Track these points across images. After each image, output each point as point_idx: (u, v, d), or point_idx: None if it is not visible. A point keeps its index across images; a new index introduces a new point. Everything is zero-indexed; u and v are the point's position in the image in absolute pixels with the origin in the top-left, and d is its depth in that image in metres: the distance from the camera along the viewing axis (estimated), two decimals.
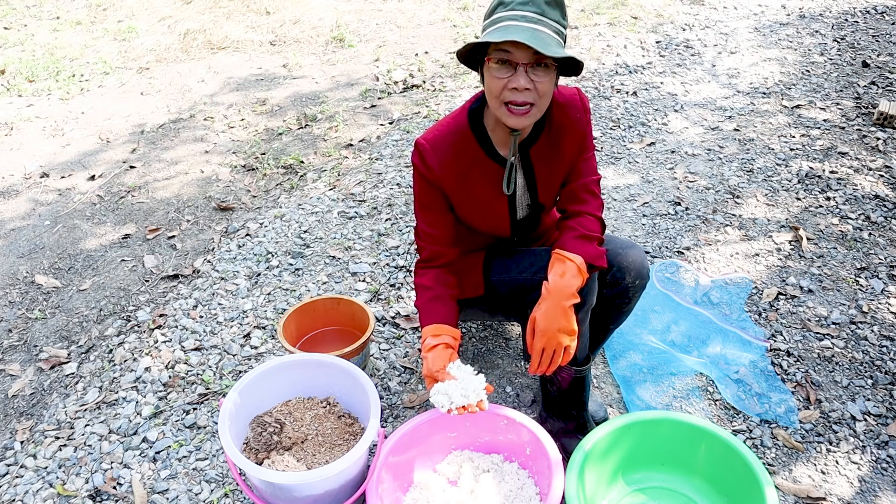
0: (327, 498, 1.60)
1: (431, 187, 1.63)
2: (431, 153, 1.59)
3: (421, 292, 1.67)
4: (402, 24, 5.03)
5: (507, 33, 1.36)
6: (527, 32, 1.36)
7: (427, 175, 1.61)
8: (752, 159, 3.23)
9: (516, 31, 1.37)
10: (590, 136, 1.65)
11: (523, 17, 1.38)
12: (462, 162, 1.61)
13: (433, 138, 1.60)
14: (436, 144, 1.59)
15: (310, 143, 3.55)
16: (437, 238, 1.67)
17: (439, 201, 1.66)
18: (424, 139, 1.61)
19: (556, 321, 1.50)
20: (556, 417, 1.85)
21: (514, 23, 1.38)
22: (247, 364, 2.19)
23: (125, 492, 1.80)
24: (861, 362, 2.14)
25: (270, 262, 2.65)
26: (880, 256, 2.58)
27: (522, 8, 1.39)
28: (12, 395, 2.13)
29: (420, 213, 1.68)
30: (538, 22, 1.38)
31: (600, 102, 3.82)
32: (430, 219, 1.67)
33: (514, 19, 1.39)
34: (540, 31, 1.38)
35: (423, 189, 1.65)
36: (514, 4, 1.39)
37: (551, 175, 1.66)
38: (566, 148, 1.63)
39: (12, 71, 4.42)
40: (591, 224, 1.61)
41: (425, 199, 1.66)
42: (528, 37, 1.35)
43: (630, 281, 1.68)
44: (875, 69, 4.08)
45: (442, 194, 1.65)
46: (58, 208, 3.08)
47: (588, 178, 1.66)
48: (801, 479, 1.80)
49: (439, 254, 1.68)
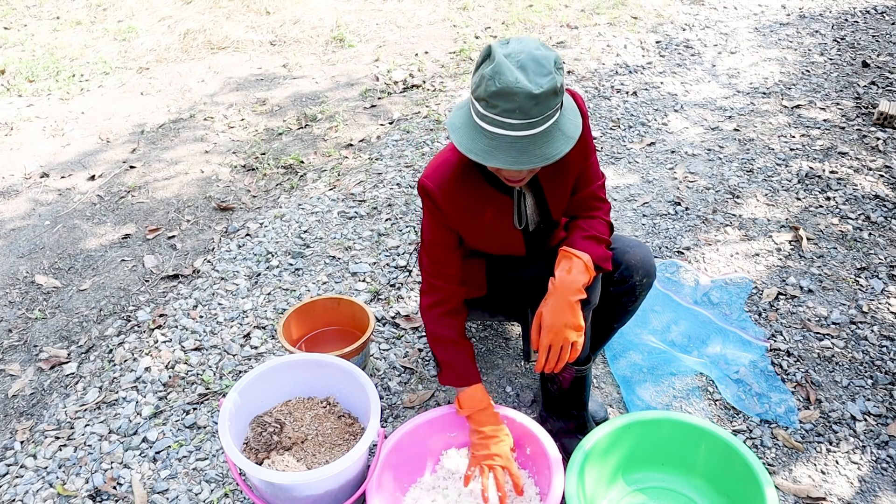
0: (327, 498, 1.60)
1: (445, 228, 1.60)
2: (442, 198, 1.55)
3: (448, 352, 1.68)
4: (402, 24, 5.03)
5: (491, 152, 1.30)
6: (513, 151, 1.29)
7: (441, 219, 1.58)
8: (752, 159, 3.23)
9: (501, 148, 1.30)
10: (590, 139, 1.62)
11: (510, 125, 1.28)
12: (471, 198, 1.57)
13: (439, 180, 1.55)
14: (442, 186, 1.55)
15: (310, 143, 3.55)
16: (448, 276, 1.65)
17: (452, 239, 1.63)
18: (432, 182, 1.55)
19: (563, 317, 1.49)
20: (556, 417, 1.85)
21: (498, 131, 1.30)
22: (247, 364, 2.19)
23: (125, 492, 1.80)
24: (861, 362, 2.14)
25: (270, 262, 2.65)
26: (880, 256, 2.58)
27: (509, 116, 1.27)
28: (12, 395, 2.13)
29: (429, 249, 1.64)
30: (527, 127, 1.28)
31: (600, 102, 3.82)
32: (440, 256, 1.64)
33: (499, 126, 1.29)
34: (529, 137, 1.30)
35: (435, 230, 1.61)
36: (499, 110, 1.27)
37: (560, 190, 1.63)
38: (571, 159, 1.59)
39: (12, 71, 4.42)
40: (599, 226, 1.61)
41: (437, 238, 1.62)
42: (515, 159, 1.29)
43: (638, 279, 1.68)
44: (875, 69, 4.08)
45: (454, 233, 1.62)
46: (58, 208, 3.08)
47: (594, 184, 1.64)
48: (801, 479, 1.80)
49: (449, 295, 1.65)
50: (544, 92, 1.26)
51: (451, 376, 1.68)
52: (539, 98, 1.26)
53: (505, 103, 1.27)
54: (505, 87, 1.25)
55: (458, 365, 1.66)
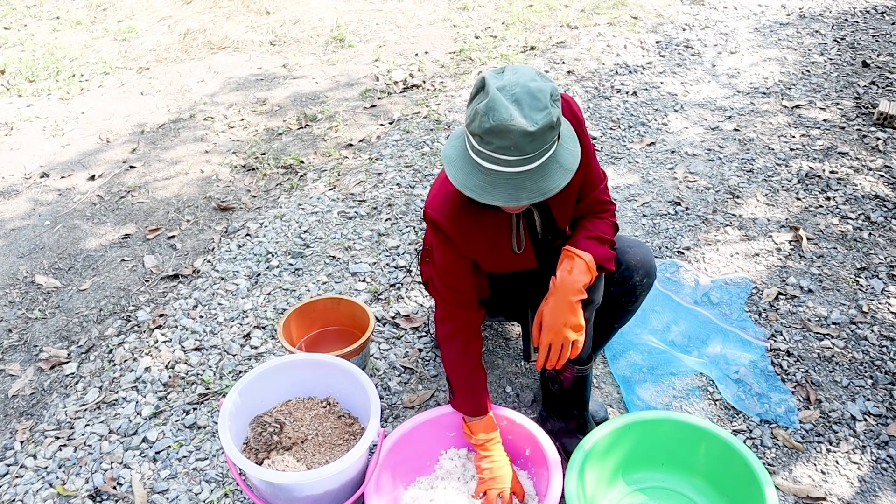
0: (327, 498, 1.60)
1: (458, 256, 1.57)
2: (451, 228, 1.51)
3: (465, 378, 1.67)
4: (402, 24, 5.03)
5: (488, 189, 1.28)
6: (509, 187, 1.27)
7: (454, 249, 1.55)
8: (752, 159, 3.23)
9: (497, 185, 1.28)
10: (588, 142, 1.57)
11: (505, 161, 1.25)
12: (480, 226, 1.54)
13: (446, 212, 1.51)
14: (450, 217, 1.51)
15: (310, 143, 3.55)
16: (464, 302, 1.62)
17: (465, 266, 1.59)
18: (439, 214, 1.51)
19: (563, 316, 1.49)
20: (556, 417, 1.85)
21: (494, 167, 1.27)
22: (247, 364, 2.19)
23: (125, 492, 1.80)
24: (861, 362, 2.14)
25: (270, 262, 2.65)
26: (880, 256, 2.58)
27: (504, 153, 1.25)
28: (12, 395, 2.13)
29: (443, 275, 1.60)
30: (523, 163, 1.26)
31: (600, 102, 3.82)
32: (455, 283, 1.60)
33: (495, 162, 1.27)
34: (525, 173, 1.27)
35: (448, 258, 1.58)
36: (494, 147, 1.25)
37: (564, 200, 1.60)
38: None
39: (12, 71, 4.42)
40: (604, 227, 1.60)
41: (450, 265, 1.59)
42: (511, 196, 1.27)
43: (638, 279, 1.68)
44: (875, 69, 4.08)
45: (468, 260, 1.59)
46: (58, 208, 3.08)
47: (597, 188, 1.62)
48: (801, 479, 1.80)
49: (467, 322, 1.63)
50: (540, 129, 1.23)
51: (465, 404, 1.69)
52: (535, 135, 1.23)
53: (500, 140, 1.23)
54: (499, 124, 1.22)
55: (475, 394, 1.67)
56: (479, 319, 1.66)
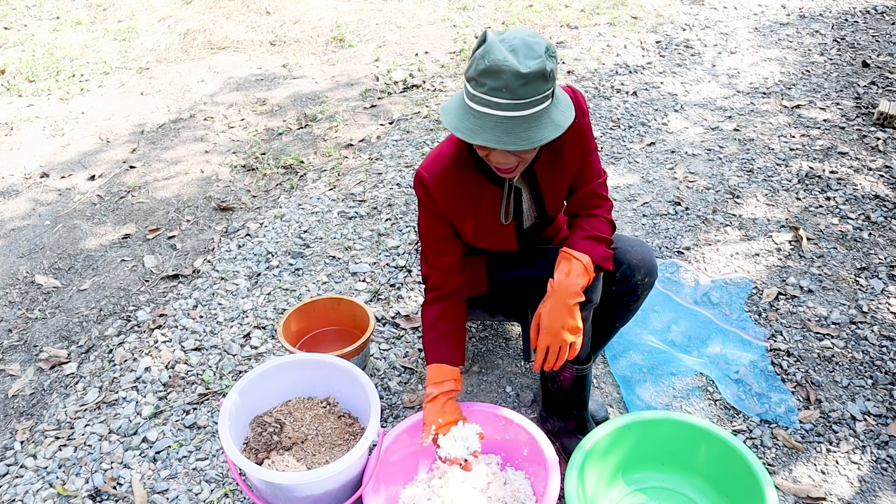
0: (327, 498, 1.60)
1: (438, 218, 1.62)
2: (435, 186, 1.56)
3: (426, 331, 1.68)
4: (402, 24, 5.03)
5: (478, 136, 1.31)
6: (498, 130, 1.30)
7: (432, 208, 1.59)
8: (752, 159, 3.23)
9: (487, 127, 1.31)
10: (591, 137, 1.61)
11: (497, 104, 1.29)
12: (466, 190, 1.59)
13: (435, 171, 1.57)
14: (438, 177, 1.56)
15: (310, 143, 3.56)
16: (446, 265, 1.66)
17: (445, 230, 1.64)
18: (427, 172, 1.57)
19: (561, 319, 1.49)
20: (556, 417, 1.85)
21: (486, 110, 1.31)
22: (247, 364, 2.19)
23: (125, 492, 1.80)
24: (861, 362, 2.14)
25: (270, 262, 2.65)
26: (880, 256, 2.58)
27: (496, 94, 1.29)
28: (12, 395, 2.13)
29: (425, 239, 1.67)
30: (513, 108, 1.29)
31: (600, 102, 3.82)
32: (438, 247, 1.66)
33: (487, 105, 1.30)
34: (516, 117, 1.30)
35: (428, 220, 1.63)
36: (487, 88, 1.29)
37: (556, 186, 1.63)
38: (568, 156, 1.60)
39: (12, 71, 4.42)
40: (601, 225, 1.61)
41: (431, 228, 1.64)
42: (499, 139, 1.29)
43: (640, 278, 1.68)
44: (875, 69, 4.08)
45: (447, 223, 1.63)
46: (58, 208, 3.08)
47: (594, 182, 1.64)
48: (801, 479, 1.80)
49: (444, 281, 1.66)
50: (532, 73, 1.27)
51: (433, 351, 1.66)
52: (527, 78, 1.27)
53: (492, 81, 1.28)
54: (493, 64, 1.27)
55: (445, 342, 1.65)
56: (460, 281, 1.69)
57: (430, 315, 1.68)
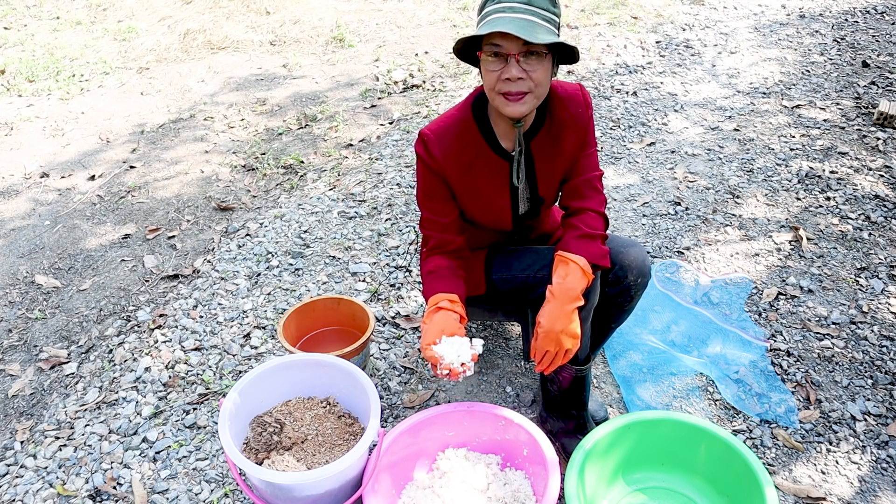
0: (327, 498, 1.60)
1: (435, 176, 1.63)
2: (436, 143, 1.60)
3: (425, 276, 1.67)
4: (402, 24, 5.03)
5: (494, 25, 1.38)
6: (513, 23, 1.38)
7: (431, 164, 1.61)
8: (752, 159, 3.23)
9: (502, 22, 1.38)
10: (592, 131, 1.65)
11: (510, 7, 1.40)
12: (466, 153, 1.61)
13: (437, 129, 1.61)
14: (440, 135, 1.60)
15: (310, 143, 3.55)
16: (444, 226, 1.67)
17: (443, 190, 1.66)
18: (429, 129, 1.62)
19: (560, 324, 1.51)
20: (556, 417, 1.85)
21: (501, 14, 1.40)
22: (247, 364, 2.19)
23: (125, 492, 1.80)
24: (861, 362, 2.14)
25: (270, 262, 2.65)
26: (880, 256, 2.58)
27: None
28: (12, 395, 2.13)
29: (424, 202, 1.68)
30: (525, 11, 1.40)
31: (600, 102, 3.82)
32: (436, 207, 1.67)
33: (502, 11, 1.40)
34: (527, 19, 1.39)
35: (426, 178, 1.65)
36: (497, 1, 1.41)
37: (552, 169, 1.66)
38: (567, 142, 1.63)
39: (12, 71, 4.42)
40: (593, 221, 1.62)
41: (429, 188, 1.66)
42: (514, 27, 1.36)
43: (632, 279, 1.69)
44: (875, 69, 4.08)
45: (445, 184, 1.65)
46: (58, 208, 3.08)
47: (590, 173, 1.67)
48: (801, 479, 1.80)
49: (446, 241, 1.68)
50: None
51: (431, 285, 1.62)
52: None
53: None
54: None
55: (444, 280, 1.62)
56: (461, 241, 1.69)
57: (429, 263, 1.67)
